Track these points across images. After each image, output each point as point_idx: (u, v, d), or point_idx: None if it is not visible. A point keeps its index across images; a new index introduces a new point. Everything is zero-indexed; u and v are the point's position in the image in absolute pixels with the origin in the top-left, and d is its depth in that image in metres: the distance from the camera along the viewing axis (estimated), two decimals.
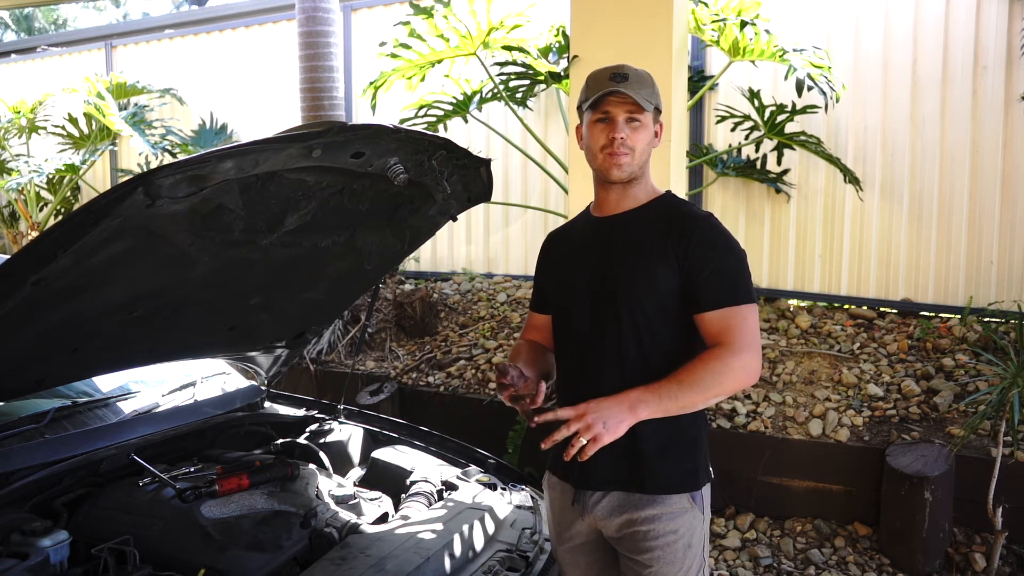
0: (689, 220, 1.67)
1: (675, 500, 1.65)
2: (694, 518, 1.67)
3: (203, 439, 2.40)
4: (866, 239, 4.44)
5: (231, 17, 7.09)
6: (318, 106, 5.26)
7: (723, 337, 1.57)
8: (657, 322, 1.65)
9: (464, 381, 4.44)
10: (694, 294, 1.61)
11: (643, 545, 1.64)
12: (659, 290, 1.63)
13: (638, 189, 1.73)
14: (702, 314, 1.60)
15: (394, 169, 1.74)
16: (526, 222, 5.50)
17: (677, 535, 1.64)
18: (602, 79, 1.67)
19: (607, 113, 1.66)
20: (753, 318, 1.60)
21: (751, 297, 1.62)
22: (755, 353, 1.58)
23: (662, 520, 1.64)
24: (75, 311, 1.66)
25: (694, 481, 1.68)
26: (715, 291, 1.60)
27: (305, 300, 2.32)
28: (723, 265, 1.62)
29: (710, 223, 1.67)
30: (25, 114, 6.68)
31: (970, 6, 4.10)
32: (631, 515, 1.65)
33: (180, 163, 1.39)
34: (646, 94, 1.66)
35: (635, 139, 1.66)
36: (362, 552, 1.76)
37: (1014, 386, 2.94)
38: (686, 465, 1.68)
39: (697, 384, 1.53)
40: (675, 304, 1.64)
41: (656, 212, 1.71)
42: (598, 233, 1.77)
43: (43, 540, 1.67)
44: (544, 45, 4.51)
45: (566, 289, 1.80)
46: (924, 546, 3.15)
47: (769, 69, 4.45)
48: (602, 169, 1.71)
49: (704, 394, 1.55)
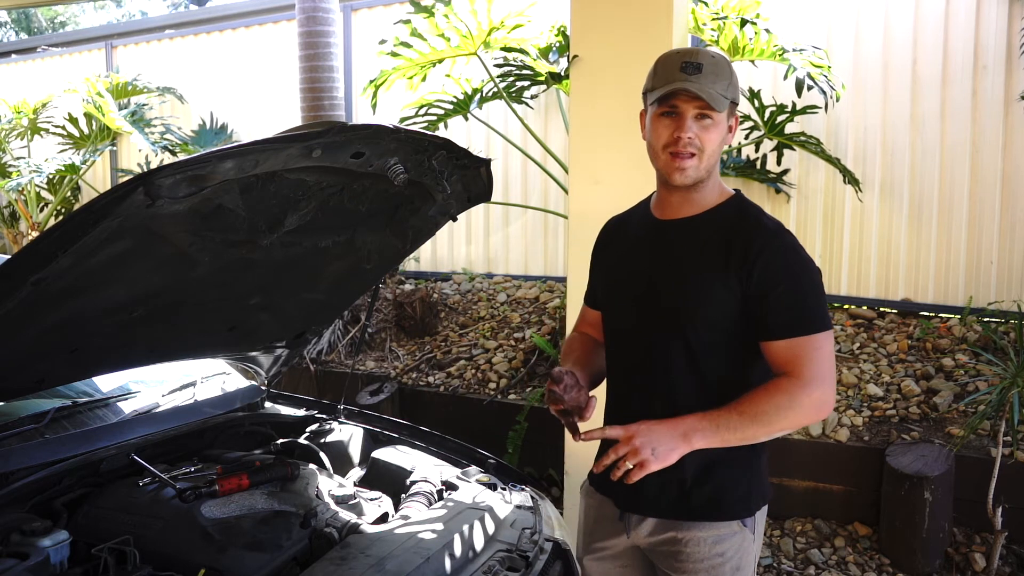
0: (756, 234, 1.49)
1: (723, 523, 1.55)
2: (744, 539, 1.56)
3: (203, 439, 2.40)
4: (866, 239, 4.44)
5: (231, 17, 7.10)
6: (318, 106, 5.26)
7: (792, 367, 1.43)
8: (713, 343, 1.51)
9: (464, 381, 4.44)
10: (760, 319, 1.46)
11: (686, 566, 1.55)
12: (717, 310, 1.49)
13: (704, 193, 1.56)
14: (768, 343, 1.46)
15: (394, 169, 1.73)
16: (526, 222, 5.50)
17: (724, 558, 1.54)
18: (672, 67, 1.46)
19: (675, 107, 1.47)
20: (828, 347, 1.45)
21: (825, 324, 1.46)
22: (828, 386, 1.44)
23: (708, 542, 1.54)
24: (75, 311, 1.66)
25: (745, 507, 1.57)
26: (784, 317, 1.44)
27: (305, 300, 2.32)
28: (793, 288, 1.45)
29: (781, 239, 1.49)
30: (27, 115, 6.68)
31: (970, 6, 4.10)
32: (676, 534, 1.56)
33: (180, 163, 1.39)
34: (721, 88, 1.45)
35: (705, 139, 1.47)
36: (362, 552, 1.76)
37: (1014, 386, 2.94)
38: (737, 490, 1.56)
39: (760, 417, 1.41)
40: (735, 326, 1.49)
41: (721, 220, 1.54)
42: (654, 237, 1.62)
43: (43, 540, 1.66)
44: (544, 45, 4.51)
45: (616, 294, 1.69)
46: (924, 546, 3.15)
47: (769, 69, 4.45)
48: (664, 171, 1.53)
49: (767, 428, 1.42)
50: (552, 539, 1.94)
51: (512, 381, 4.35)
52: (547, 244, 5.45)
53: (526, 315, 4.94)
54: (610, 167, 2.91)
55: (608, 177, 2.93)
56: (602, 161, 2.96)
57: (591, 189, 3.02)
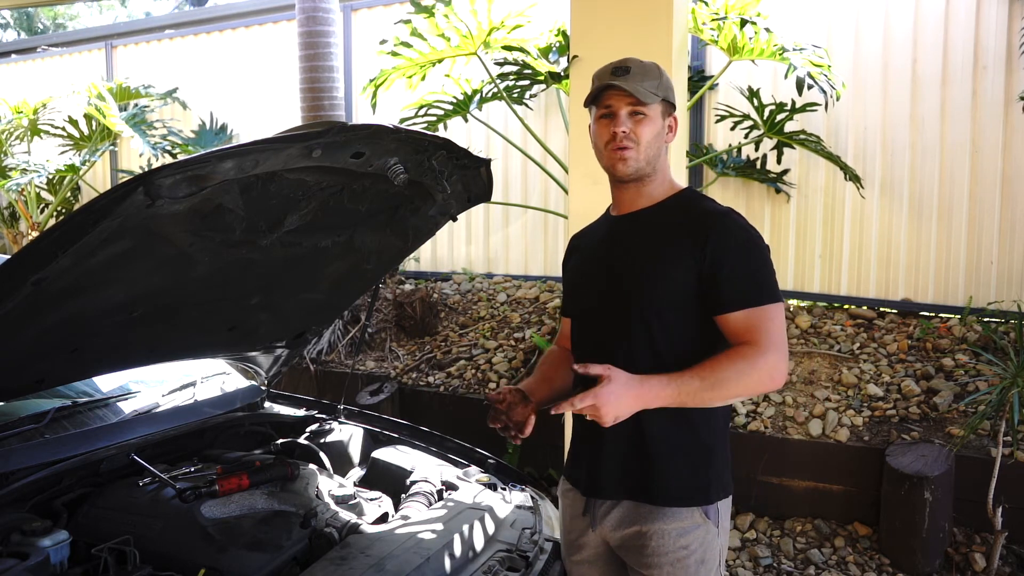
0: (707, 217, 1.59)
1: (686, 514, 1.58)
2: (707, 532, 1.59)
3: (203, 439, 2.40)
4: (866, 239, 4.44)
5: (231, 17, 7.09)
6: (318, 106, 5.26)
7: (749, 336, 1.50)
8: (673, 325, 1.57)
9: (464, 381, 4.44)
10: (715, 294, 1.53)
11: (652, 560, 1.58)
12: (675, 291, 1.56)
13: (653, 186, 1.66)
14: (725, 315, 1.53)
15: (394, 169, 1.73)
16: (526, 222, 5.50)
17: (688, 551, 1.58)
18: (604, 74, 1.62)
19: (609, 107, 1.61)
20: (780, 318, 1.53)
21: (776, 296, 1.54)
22: (782, 354, 1.50)
23: (671, 535, 1.57)
24: (75, 311, 1.66)
25: (705, 496, 1.60)
26: (737, 290, 1.52)
27: (305, 300, 2.32)
28: (745, 262, 1.54)
29: (730, 218, 1.59)
30: (27, 115, 6.69)
31: (970, 6, 4.10)
32: (640, 527, 1.60)
33: (180, 163, 1.39)
34: (650, 86, 1.59)
35: (639, 132, 1.59)
36: (362, 552, 1.76)
37: (1014, 386, 2.94)
38: (698, 478, 1.60)
39: (720, 382, 1.47)
40: (692, 306, 1.56)
41: (673, 209, 1.65)
42: (613, 233, 1.72)
43: (43, 540, 1.67)
44: (544, 45, 4.51)
45: (580, 292, 1.76)
46: (924, 546, 3.15)
47: (768, 68, 4.45)
48: (608, 165, 1.65)
49: (725, 392, 1.48)
50: (552, 539, 1.95)
51: (512, 381, 4.35)
52: (547, 244, 5.45)
53: (526, 315, 4.94)
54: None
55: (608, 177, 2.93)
56: None
57: (591, 189, 3.01)
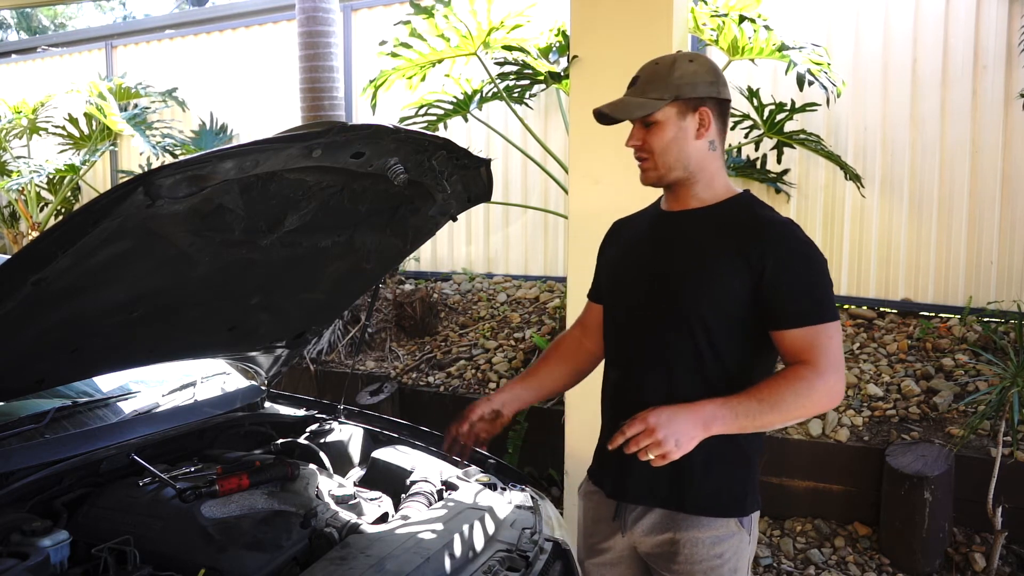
0: (765, 226, 1.53)
1: (721, 523, 1.56)
2: (741, 541, 1.57)
3: (203, 439, 2.40)
4: (866, 239, 4.44)
5: (231, 17, 7.10)
6: (318, 106, 5.26)
7: (807, 356, 1.45)
8: (718, 334, 1.52)
9: (464, 381, 4.44)
10: (772, 310, 1.48)
11: (684, 567, 1.55)
12: (725, 300, 1.51)
13: (699, 188, 1.60)
14: (782, 332, 1.48)
15: (394, 169, 1.73)
16: (526, 222, 5.50)
17: (722, 559, 1.55)
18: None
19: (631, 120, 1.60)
20: (837, 336, 1.48)
21: (834, 313, 1.49)
22: (840, 374, 1.46)
23: (706, 543, 1.54)
24: (75, 311, 1.66)
25: (741, 506, 1.57)
26: (796, 307, 1.47)
27: (305, 300, 2.32)
28: (805, 278, 1.49)
29: (790, 230, 1.53)
30: (26, 114, 6.69)
31: (970, 5, 4.10)
32: (674, 534, 1.56)
33: (180, 163, 1.39)
34: (656, 92, 1.55)
35: (651, 142, 1.56)
36: (362, 552, 1.76)
37: (1014, 386, 2.95)
38: (736, 488, 1.57)
39: (778, 404, 1.42)
40: (742, 317, 1.51)
41: (729, 214, 1.58)
42: (662, 228, 1.65)
43: (43, 540, 1.66)
44: (544, 45, 4.51)
45: (619, 285, 1.71)
46: (924, 546, 3.15)
47: (768, 68, 4.45)
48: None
49: (784, 415, 1.44)
50: (552, 539, 1.94)
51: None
52: (547, 244, 5.45)
53: (526, 315, 4.94)
54: (610, 167, 2.91)
55: (608, 177, 2.93)
56: (602, 161, 2.96)
57: (591, 189, 3.02)
